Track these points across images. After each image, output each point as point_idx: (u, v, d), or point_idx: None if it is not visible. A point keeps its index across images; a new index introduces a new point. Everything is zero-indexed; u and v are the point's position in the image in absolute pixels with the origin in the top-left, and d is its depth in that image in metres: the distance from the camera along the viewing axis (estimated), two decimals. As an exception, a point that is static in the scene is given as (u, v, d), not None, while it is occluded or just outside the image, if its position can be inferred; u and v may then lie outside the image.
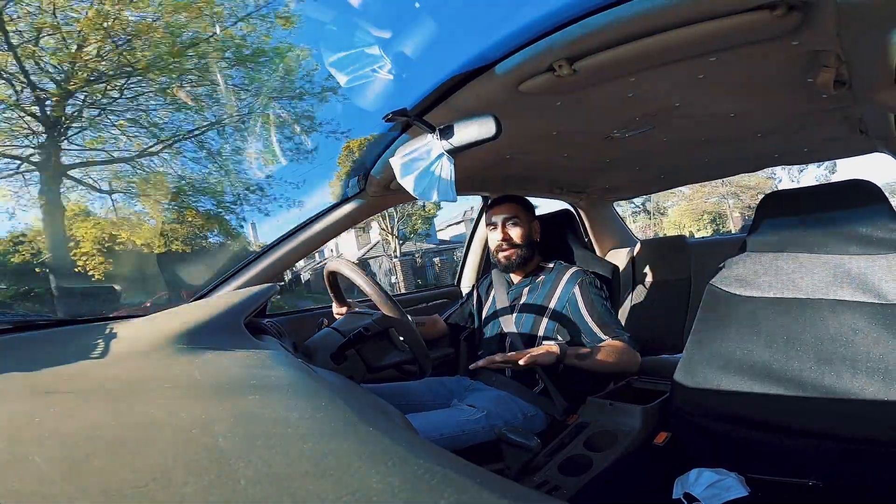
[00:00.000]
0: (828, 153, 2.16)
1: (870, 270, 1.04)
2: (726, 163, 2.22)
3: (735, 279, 1.20)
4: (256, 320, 1.08)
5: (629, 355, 1.39)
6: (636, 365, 1.42)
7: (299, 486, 0.30)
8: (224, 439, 0.37)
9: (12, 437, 0.38)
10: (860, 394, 0.97)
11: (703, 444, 1.15)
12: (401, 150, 1.15)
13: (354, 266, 1.21)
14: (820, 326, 1.06)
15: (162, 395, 0.49)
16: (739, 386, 1.11)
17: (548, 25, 0.92)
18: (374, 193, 1.53)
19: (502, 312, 1.59)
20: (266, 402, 0.46)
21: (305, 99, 7.35)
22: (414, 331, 1.18)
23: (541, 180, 2.20)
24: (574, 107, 1.25)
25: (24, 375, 0.58)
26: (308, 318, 1.71)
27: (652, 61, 1.00)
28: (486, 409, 1.31)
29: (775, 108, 1.42)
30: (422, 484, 0.31)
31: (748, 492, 1.01)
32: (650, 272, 2.58)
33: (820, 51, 0.97)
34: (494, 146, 1.21)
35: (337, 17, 1.11)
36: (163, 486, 0.30)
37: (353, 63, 1.10)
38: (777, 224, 1.20)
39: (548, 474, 1.03)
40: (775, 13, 0.81)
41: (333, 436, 0.39)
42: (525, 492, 0.35)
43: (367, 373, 1.14)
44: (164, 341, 0.67)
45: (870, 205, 1.10)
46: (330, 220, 1.53)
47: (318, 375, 0.65)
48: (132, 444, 0.37)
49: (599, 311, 1.45)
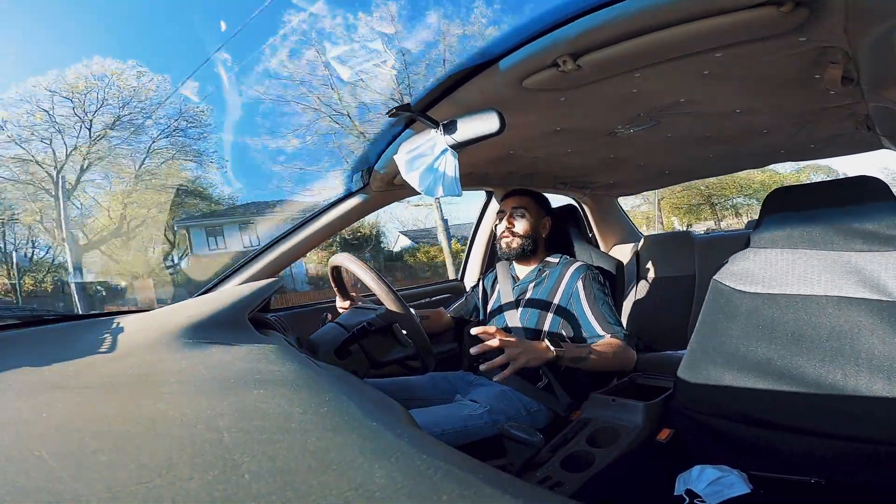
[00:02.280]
0: (834, 149, 2.14)
1: (876, 267, 1.04)
2: (731, 159, 2.21)
3: (740, 275, 1.19)
4: (261, 315, 1.08)
5: (624, 353, 1.38)
6: (631, 363, 1.41)
7: (303, 481, 0.30)
8: (228, 434, 0.37)
9: (19, 432, 0.38)
10: (864, 392, 0.97)
11: (706, 441, 1.15)
12: (405, 146, 1.15)
13: (358, 261, 1.21)
14: (824, 323, 1.05)
15: (167, 389, 0.49)
16: (743, 383, 1.10)
17: (552, 21, 0.92)
18: (377, 188, 1.53)
19: (507, 307, 1.59)
20: (270, 397, 0.46)
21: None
22: (417, 326, 1.18)
23: (545, 176, 2.20)
24: (578, 103, 1.24)
25: (30, 370, 0.59)
26: (312, 312, 1.71)
27: (657, 57, 1.00)
28: (489, 405, 1.31)
29: (781, 105, 1.41)
30: (424, 479, 0.32)
31: (750, 489, 1.01)
32: (654, 268, 2.58)
33: (827, 47, 0.96)
34: (498, 141, 1.21)
35: (342, 13, 1.11)
36: (168, 480, 0.30)
37: (358, 58, 1.09)
38: (782, 220, 1.19)
39: (550, 470, 1.03)
40: (782, 9, 0.80)
41: (337, 431, 0.40)
42: (527, 487, 0.35)
43: (370, 368, 1.15)
44: (170, 336, 0.67)
45: (876, 201, 1.09)
46: (334, 216, 1.53)
47: (321, 370, 0.66)
48: (138, 438, 0.37)
49: (600, 307, 1.45)
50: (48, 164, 10.74)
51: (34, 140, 10.53)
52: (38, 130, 10.47)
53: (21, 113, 10.46)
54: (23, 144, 10.53)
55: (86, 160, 11.14)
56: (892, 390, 0.94)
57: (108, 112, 10.95)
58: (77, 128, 10.80)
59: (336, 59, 2.33)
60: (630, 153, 1.91)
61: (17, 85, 10.63)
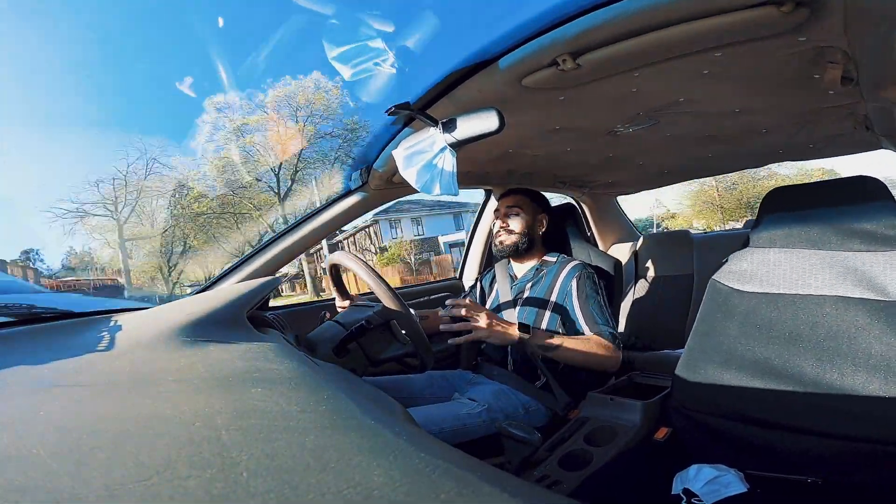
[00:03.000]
0: (833, 149, 2.14)
1: (873, 267, 1.04)
2: (730, 158, 2.21)
3: (738, 274, 1.20)
4: (259, 313, 1.08)
5: (605, 351, 1.33)
6: (614, 362, 1.35)
7: (301, 479, 0.30)
8: (227, 432, 0.37)
9: (17, 431, 0.38)
10: (861, 391, 0.97)
11: (704, 440, 1.16)
12: (404, 144, 1.15)
13: (357, 258, 1.21)
14: (822, 323, 1.05)
15: (165, 388, 0.49)
16: (740, 382, 1.11)
17: (552, 20, 0.92)
18: (376, 187, 1.53)
19: (506, 306, 1.59)
20: (268, 396, 0.46)
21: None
22: (416, 324, 1.18)
23: (543, 174, 2.20)
24: (577, 102, 1.24)
25: (28, 369, 0.58)
26: (310, 311, 1.71)
27: (656, 56, 1.00)
28: (487, 403, 1.31)
29: (781, 105, 1.41)
30: (423, 477, 0.32)
31: (747, 488, 1.02)
32: (652, 267, 2.58)
33: (827, 47, 0.96)
34: (497, 140, 1.21)
35: (340, 10, 1.11)
36: (166, 479, 0.30)
37: (356, 57, 1.09)
38: (781, 219, 1.20)
39: (548, 468, 1.04)
40: (782, 9, 0.80)
41: (335, 429, 0.40)
42: (525, 486, 0.35)
43: (368, 366, 1.15)
44: (168, 334, 0.67)
45: (874, 201, 1.09)
46: (332, 214, 1.53)
47: (320, 369, 0.66)
48: (136, 437, 0.37)
49: (590, 307, 1.44)
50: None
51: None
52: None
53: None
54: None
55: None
56: (888, 390, 0.94)
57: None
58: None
59: (335, 59, 2.33)
60: (629, 152, 1.91)
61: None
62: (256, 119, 12.98)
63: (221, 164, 13.05)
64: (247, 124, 13.01)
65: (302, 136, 12.77)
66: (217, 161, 13.13)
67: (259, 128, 13.00)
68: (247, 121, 12.96)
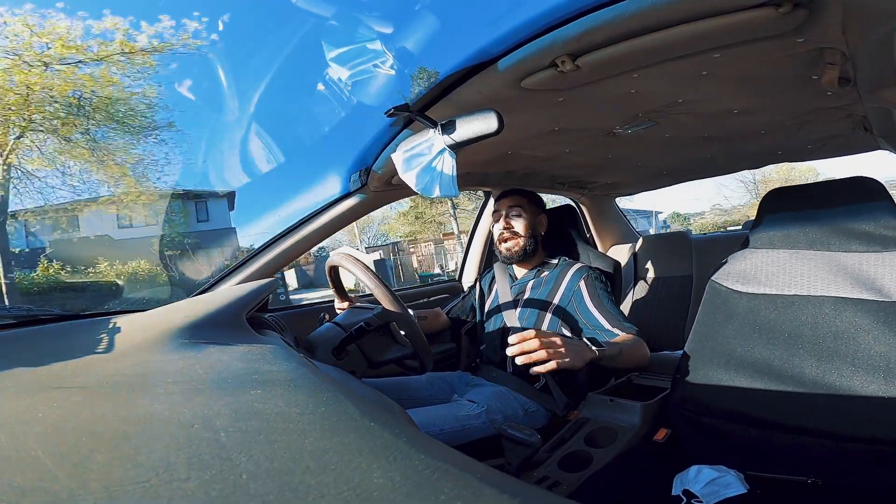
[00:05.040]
0: (831, 150, 2.15)
1: (872, 267, 1.04)
2: (729, 159, 2.21)
3: (737, 275, 1.20)
4: (258, 315, 1.08)
5: (644, 349, 1.34)
6: (647, 359, 1.35)
7: (300, 481, 0.30)
8: (226, 434, 0.37)
9: (15, 432, 0.38)
10: (860, 392, 0.97)
11: (703, 441, 1.16)
12: (402, 146, 1.15)
13: (356, 260, 1.21)
14: (821, 324, 1.06)
15: (164, 390, 0.49)
16: (740, 383, 1.11)
17: (551, 21, 0.92)
18: (375, 188, 1.53)
19: (506, 307, 1.59)
20: (267, 397, 0.46)
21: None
22: (415, 325, 1.18)
23: (543, 176, 2.20)
24: (576, 103, 1.24)
25: (27, 370, 0.58)
26: (309, 312, 1.71)
27: (655, 57, 1.00)
28: (487, 405, 1.31)
29: (779, 105, 1.42)
30: (422, 479, 0.31)
31: (747, 489, 1.02)
32: (652, 268, 2.58)
33: (825, 48, 0.96)
34: (496, 142, 1.21)
35: (339, 12, 1.11)
36: (165, 481, 0.30)
37: (355, 58, 1.09)
38: (779, 220, 1.20)
39: (548, 470, 1.04)
40: (781, 10, 0.80)
41: (334, 431, 0.39)
42: (525, 487, 0.35)
43: (368, 367, 1.15)
44: (167, 336, 0.67)
45: (873, 201, 1.09)
46: (331, 216, 1.53)
47: (319, 370, 0.66)
48: (135, 439, 0.37)
49: (607, 306, 1.43)
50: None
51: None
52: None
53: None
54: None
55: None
56: (888, 390, 0.94)
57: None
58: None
59: (334, 59, 2.32)
60: (628, 153, 1.91)
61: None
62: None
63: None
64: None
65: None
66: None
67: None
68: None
